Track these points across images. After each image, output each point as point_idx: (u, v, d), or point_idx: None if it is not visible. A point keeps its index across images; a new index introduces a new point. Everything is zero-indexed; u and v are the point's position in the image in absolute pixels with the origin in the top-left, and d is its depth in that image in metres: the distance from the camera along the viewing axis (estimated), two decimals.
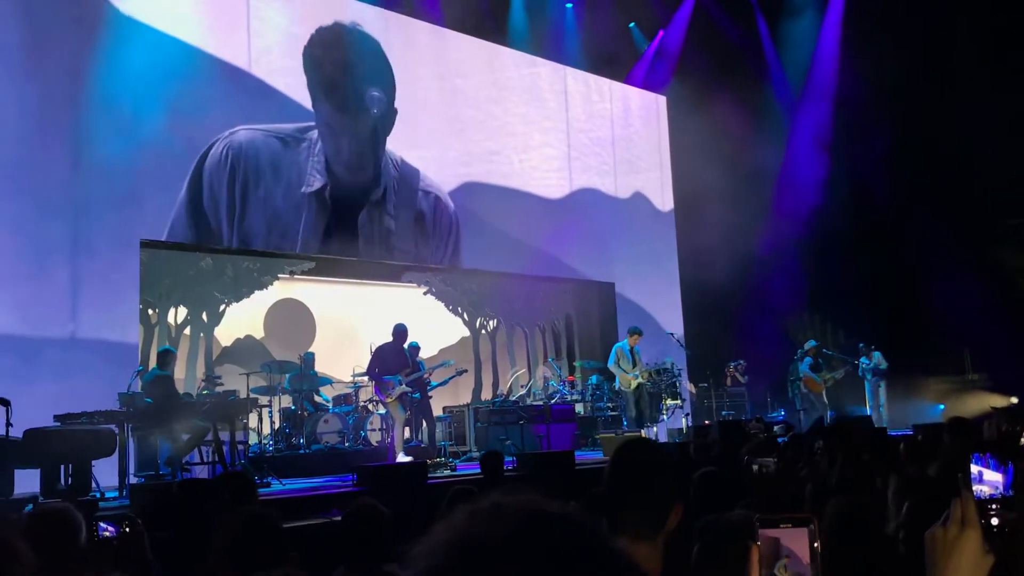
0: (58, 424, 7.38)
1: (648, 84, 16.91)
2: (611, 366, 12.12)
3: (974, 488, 1.27)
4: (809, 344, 14.30)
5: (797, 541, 1.19)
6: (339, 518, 3.52)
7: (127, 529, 3.12)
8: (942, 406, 15.69)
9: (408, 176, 12.78)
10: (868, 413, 13.72)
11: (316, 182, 11.64)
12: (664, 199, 16.63)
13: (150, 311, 11.27)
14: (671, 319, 15.90)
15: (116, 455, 7.59)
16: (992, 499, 1.27)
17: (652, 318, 15.45)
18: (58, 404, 7.67)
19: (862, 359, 14.34)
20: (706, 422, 13.20)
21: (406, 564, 0.81)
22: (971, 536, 1.24)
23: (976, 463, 1.26)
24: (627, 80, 16.62)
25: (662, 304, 15.93)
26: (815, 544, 1.19)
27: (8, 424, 6.79)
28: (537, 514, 0.82)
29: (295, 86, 11.56)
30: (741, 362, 14.68)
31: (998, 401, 15.29)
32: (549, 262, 14.29)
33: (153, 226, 10.14)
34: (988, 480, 1.26)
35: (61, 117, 9.52)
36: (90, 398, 8.04)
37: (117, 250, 9.76)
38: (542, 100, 14.90)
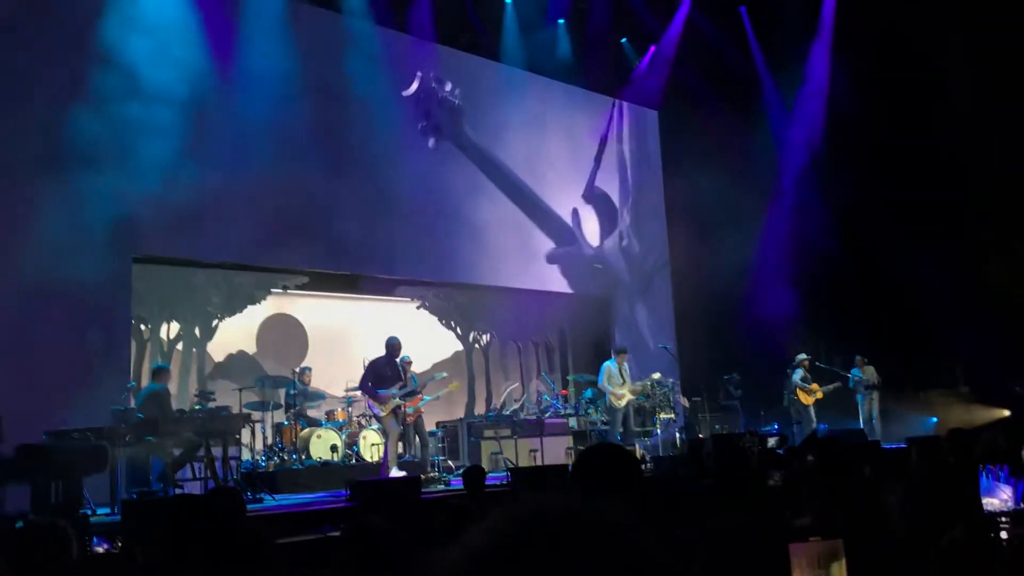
0: (50, 440, 7.31)
1: (640, 99, 16.94)
2: (601, 384, 12.30)
3: (985, 501, 1.26)
4: (800, 356, 14.32)
5: (823, 555, 1.18)
6: (333, 534, 3.48)
7: (119, 545, 3.09)
8: (935, 419, 15.70)
9: None
10: (861, 427, 13.69)
11: None
12: (657, 209, 16.74)
13: (142, 326, 11.19)
14: (664, 329, 16.02)
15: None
16: (1003, 513, 1.25)
17: (644, 328, 15.64)
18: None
19: (854, 370, 14.32)
20: (700, 436, 13.18)
21: (437, 571, 0.79)
22: (978, 549, 1.23)
23: (988, 476, 1.25)
24: (619, 96, 16.64)
25: (655, 314, 16.05)
26: (843, 558, 1.18)
27: None
28: (581, 518, 0.80)
29: None
30: (735, 376, 14.65)
31: (991, 414, 15.31)
32: (544, 272, 14.44)
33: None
34: (1000, 494, 1.25)
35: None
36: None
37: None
38: (541, 114, 15.03)
